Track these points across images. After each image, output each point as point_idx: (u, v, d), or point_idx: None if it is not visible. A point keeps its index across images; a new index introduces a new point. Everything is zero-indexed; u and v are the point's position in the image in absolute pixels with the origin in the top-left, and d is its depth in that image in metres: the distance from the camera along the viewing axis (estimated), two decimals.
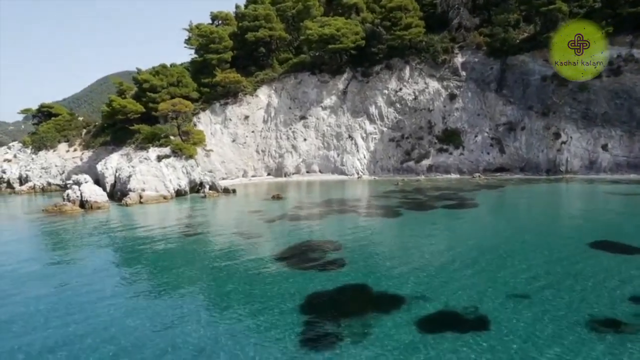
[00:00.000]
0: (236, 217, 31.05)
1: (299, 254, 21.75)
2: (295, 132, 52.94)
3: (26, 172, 51.50)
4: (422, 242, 22.62)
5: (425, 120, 52.69)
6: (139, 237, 25.60)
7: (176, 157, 42.13)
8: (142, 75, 48.26)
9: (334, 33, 50.53)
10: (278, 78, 53.85)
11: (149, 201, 37.98)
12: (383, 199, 35.96)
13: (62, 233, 27.94)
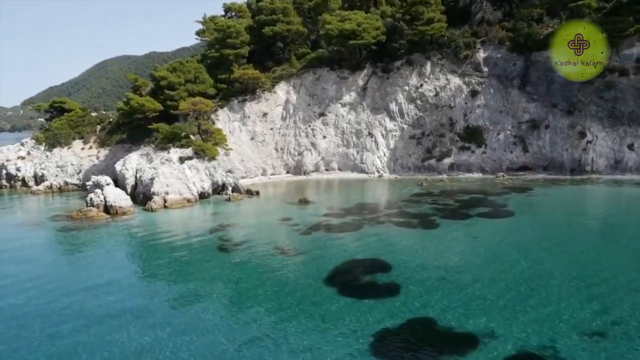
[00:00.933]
0: (268, 227, 30.43)
1: (346, 275, 21.34)
2: (314, 130, 52.05)
3: (41, 170, 50.64)
4: (472, 262, 22.13)
5: (447, 117, 51.78)
6: (175, 252, 25.02)
7: (199, 159, 41.36)
8: (160, 72, 47.15)
9: (355, 28, 49.27)
10: (296, 74, 52.71)
11: (173, 205, 37.34)
12: (414, 204, 35.36)
13: (100, 246, 27.37)
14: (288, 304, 18.13)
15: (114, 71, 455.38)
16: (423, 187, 42.96)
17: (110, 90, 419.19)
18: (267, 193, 42.42)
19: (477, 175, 48.87)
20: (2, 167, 52.59)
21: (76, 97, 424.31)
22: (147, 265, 23.36)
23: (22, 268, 23.26)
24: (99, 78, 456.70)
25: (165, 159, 41.37)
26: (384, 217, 31.51)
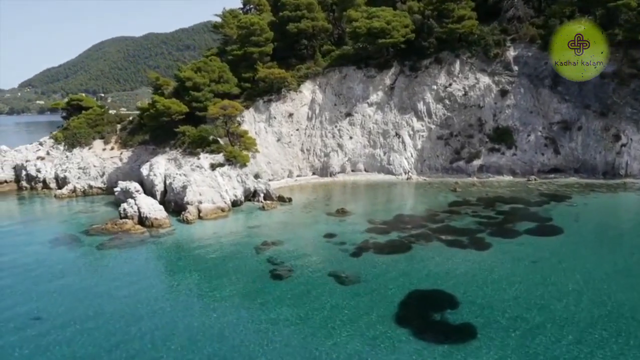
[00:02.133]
0: (314, 245, 29.72)
1: (414, 312, 20.86)
2: (341, 130, 51.02)
3: (63, 172, 49.64)
4: (538, 296, 21.56)
5: (475, 117, 50.78)
6: (229, 281, 24.23)
7: (230, 166, 40.43)
8: (185, 73, 45.76)
9: (384, 27, 47.84)
10: (322, 73, 51.40)
11: (208, 215, 36.56)
12: (456, 216, 34.71)
13: (148, 273, 26.56)
14: (364, 347, 17.60)
15: (112, 53, 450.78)
16: (457, 193, 42.25)
17: (109, 73, 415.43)
18: (299, 199, 41.61)
19: (508, 178, 48.15)
20: (22, 167, 51.63)
21: (74, 79, 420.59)
22: (206, 302, 22.35)
23: (75, 302, 22.57)
24: (96, 60, 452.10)
25: (196, 165, 40.44)
26: (430, 233, 30.83)
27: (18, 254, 29.38)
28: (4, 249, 30.51)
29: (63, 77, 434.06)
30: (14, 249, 30.63)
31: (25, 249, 30.52)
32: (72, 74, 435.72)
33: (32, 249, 30.56)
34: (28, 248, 30.76)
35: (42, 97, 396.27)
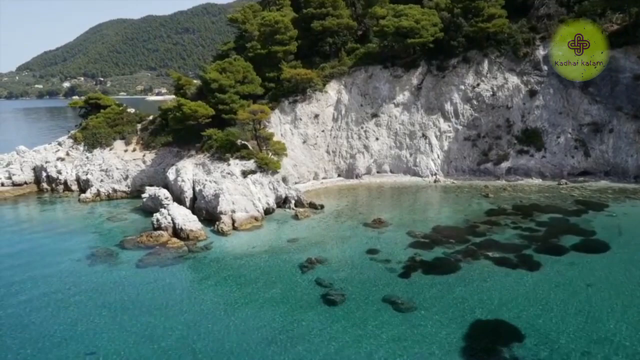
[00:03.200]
0: (359, 264, 29.06)
1: (479, 345, 20.42)
2: (367, 132, 50.16)
3: (84, 174, 48.82)
4: (604, 329, 21.03)
5: (503, 118, 49.93)
6: (280, 307, 23.71)
7: (262, 173, 39.71)
8: (211, 74, 44.62)
9: (414, 26, 46.65)
10: (348, 72, 50.28)
11: (242, 225, 35.97)
12: (496, 228, 34.21)
13: (198, 291, 25.97)
14: None
15: (110, 36, 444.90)
16: (490, 199, 41.67)
17: (107, 56, 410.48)
18: (330, 206, 40.96)
19: (537, 181, 47.54)
20: (42, 169, 50.85)
21: (72, 62, 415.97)
22: (264, 334, 21.59)
23: (126, 333, 22.12)
24: (94, 43, 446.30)
25: (227, 172, 39.70)
26: (475, 249, 30.32)
27: (54, 273, 28.80)
28: (39, 267, 29.83)
29: (61, 61, 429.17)
30: (49, 266, 29.96)
31: (61, 266, 29.97)
32: (70, 57, 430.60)
33: (68, 266, 30.01)
34: (64, 265, 30.21)
35: (40, 81, 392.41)
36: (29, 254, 32.46)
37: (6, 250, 33.35)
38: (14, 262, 30.96)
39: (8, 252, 32.97)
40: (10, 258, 31.76)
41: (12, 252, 32.97)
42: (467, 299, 24.06)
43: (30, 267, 30.02)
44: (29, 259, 31.35)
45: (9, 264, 30.74)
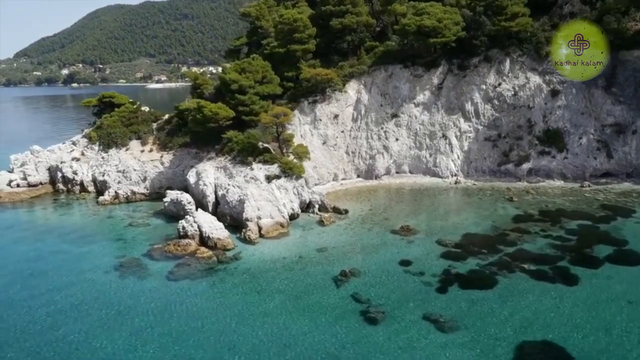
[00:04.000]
0: (392, 276, 28.79)
1: None
2: (387, 132, 49.54)
3: (101, 174, 48.21)
4: None
5: (525, 118, 49.31)
6: (316, 319, 23.35)
7: (286, 178, 39.19)
8: (231, 75, 43.72)
9: (436, 25, 45.73)
10: (367, 71, 49.46)
11: (269, 232, 35.57)
12: (526, 236, 33.88)
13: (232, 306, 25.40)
14: None
15: (108, 22, 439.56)
16: (515, 204, 41.28)
17: (106, 42, 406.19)
18: (354, 210, 40.54)
19: (559, 182, 47.12)
20: (57, 169, 50.25)
21: (70, 49, 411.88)
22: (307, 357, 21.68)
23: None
24: (92, 29, 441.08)
25: (250, 177, 39.18)
26: (509, 261, 30.04)
27: (85, 286, 28.49)
28: (67, 278, 29.44)
29: (59, 47, 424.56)
30: (78, 277, 29.60)
31: (90, 278, 29.61)
32: (68, 44, 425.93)
33: (98, 277, 29.65)
34: (93, 276, 29.85)
35: (38, 68, 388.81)
36: (54, 262, 32.11)
37: (31, 257, 32.98)
38: (41, 270, 30.74)
39: (33, 259, 32.61)
40: (35, 266, 31.49)
41: (37, 259, 32.62)
42: (510, 319, 23.77)
43: (58, 277, 29.71)
44: (55, 268, 31.04)
45: (37, 271, 30.52)
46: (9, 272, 30.42)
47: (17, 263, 32.07)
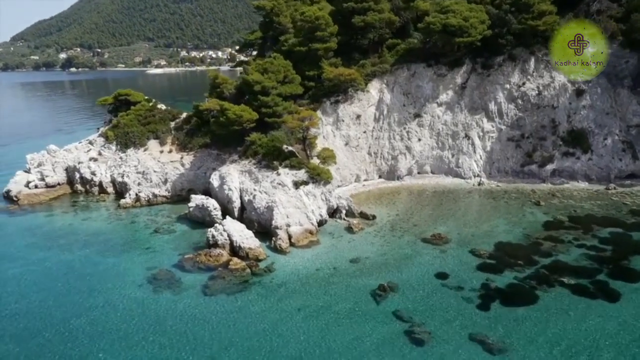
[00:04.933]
0: (430, 290, 28.58)
1: None
2: (409, 133, 48.91)
3: (120, 175, 47.60)
4: None
5: (549, 118, 48.68)
6: (360, 338, 23.07)
7: (314, 184, 38.69)
8: (253, 76, 42.80)
9: (462, 24, 44.82)
10: (390, 70, 48.59)
11: (299, 241, 35.22)
12: (560, 246, 33.58)
13: (273, 323, 25.10)
14: None
15: (105, 4, 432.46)
16: (542, 208, 40.95)
17: (103, 26, 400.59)
18: (381, 215, 40.13)
19: (583, 184, 46.72)
20: (75, 169, 49.58)
21: (68, 32, 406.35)
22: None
23: None
24: (89, 12, 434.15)
25: (277, 182, 38.68)
26: (547, 274, 29.77)
27: (120, 301, 28.22)
28: (104, 297, 28.74)
29: (56, 31, 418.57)
30: (112, 292, 29.27)
31: (124, 293, 29.26)
32: (65, 27, 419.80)
33: (132, 292, 29.28)
34: (127, 291, 29.47)
35: (35, 52, 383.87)
36: (85, 275, 31.73)
37: (62, 270, 32.56)
38: (73, 285, 30.33)
39: (64, 272, 32.20)
40: (67, 280, 31.10)
41: (68, 272, 32.21)
42: (558, 341, 23.53)
43: (93, 293, 29.34)
44: (88, 282, 30.67)
45: (70, 287, 30.17)
46: (42, 289, 29.94)
47: (48, 277, 31.62)
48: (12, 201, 46.62)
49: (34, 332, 25.29)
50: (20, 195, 46.70)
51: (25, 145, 73.04)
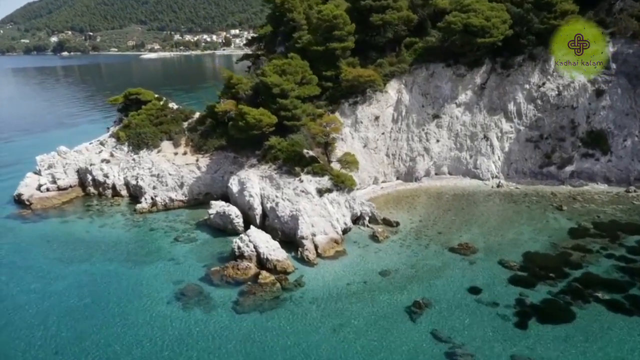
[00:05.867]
0: (465, 306, 28.40)
1: None
2: (428, 134, 48.27)
3: (134, 178, 46.70)
4: None
5: (568, 119, 48.16)
6: None
7: (339, 191, 38.10)
8: (272, 78, 41.72)
9: (485, 24, 43.86)
10: (409, 70, 47.66)
11: (325, 251, 34.81)
12: (588, 256, 33.42)
13: (310, 346, 24.75)
14: None
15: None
16: (565, 214, 40.73)
17: (94, 8, 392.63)
18: (404, 221, 39.76)
19: (602, 186, 46.52)
20: (87, 171, 48.64)
21: (58, 15, 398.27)
22: None
23: None
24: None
25: (301, 190, 38.07)
26: (580, 288, 29.68)
27: (149, 322, 27.74)
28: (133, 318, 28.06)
29: (46, 13, 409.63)
30: (140, 311, 28.69)
31: (153, 311, 28.77)
32: (55, 9, 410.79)
33: (161, 311, 28.77)
34: (156, 309, 28.97)
35: (26, 35, 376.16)
36: (110, 289, 31.25)
37: (84, 283, 32.02)
38: (99, 301, 29.88)
39: (87, 286, 31.66)
40: (91, 294, 30.62)
41: (90, 285, 31.72)
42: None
43: (120, 310, 28.86)
44: (113, 297, 30.27)
45: (95, 302, 29.73)
46: (68, 310, 29.15)
47: (72, 291, 31.06)
48: (24, 205, 45.74)
49: None
50: (33, 200, 45.82)
51: (29, 140, 72.02)
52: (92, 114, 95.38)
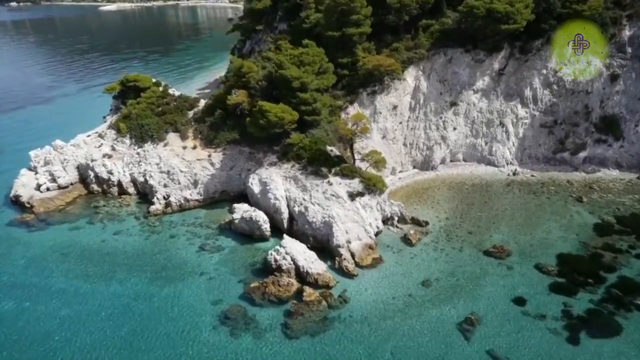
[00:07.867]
0: (514, 321, 28.79)
1: None
2: (445, 122, 47.28)
3: (141, 175, 44.17)
4: None
5: (582, 104, 48.05)
6: None
7: (370, 195, 37.10)
8: (291, 71, 39.08)
9: (509, 10, 42.20)
10: (427, 56, 45.83)
11: (363, 259, 34.27)
12: (619, 257, 34.25)
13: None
14: None
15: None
16: (586, 206, 41.36)
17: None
18: (432, 220, 39.47)
19: (614, 172, 47.38)
20: (88, 168, 45.68)
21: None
22: None
23: None
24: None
25: (331, 193, 36.89)
26: (620, 295, 30.52)
27: (198, 353, 26.76)
28: (179, 350, 26.98)
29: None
30: (189, 346, 27.41)
31: (199, 339, 27.85)
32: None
33: (207, 338, 27.94)
34: (202, 337, 28.03)
35: None
36: (145, 314, 29.91)
37: (117, 307, 30.48)
38: (136, 329, 28.61)
39: (120, 311, 30.17)
40: (126, 321, 29.24)
41: (125, 311, 30.18)
42: None
43: (163, 340, 27.82)
44: (151, 324, 28.99)
45: (133, 331, 28.43)
46: (107, 340, 27.80)
47: (106, 319, 29.51)
48: (23, 207, 42.78)
49: None
50: (34, 201, 42.87)
51: (4, 121, 66.66)
52: (67, 84, 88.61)
